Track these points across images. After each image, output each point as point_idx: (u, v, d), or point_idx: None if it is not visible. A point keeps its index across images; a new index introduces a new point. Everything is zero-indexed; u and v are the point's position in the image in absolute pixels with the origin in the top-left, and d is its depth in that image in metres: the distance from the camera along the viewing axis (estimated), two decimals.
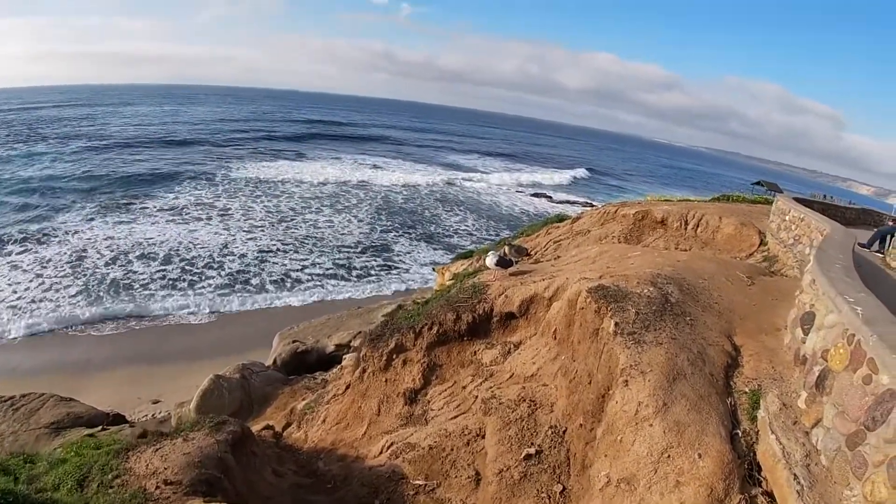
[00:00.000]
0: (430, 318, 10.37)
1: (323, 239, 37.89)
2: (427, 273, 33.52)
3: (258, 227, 38.90)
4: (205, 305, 26.04)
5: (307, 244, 36.32)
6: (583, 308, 8.02)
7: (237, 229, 37.92)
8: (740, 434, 5.69)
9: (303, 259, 33.36)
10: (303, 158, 72.43)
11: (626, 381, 6.31)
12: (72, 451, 7.28)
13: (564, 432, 7.40)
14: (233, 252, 33.00)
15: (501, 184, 71.53)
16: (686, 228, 17.12)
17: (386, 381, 10.37)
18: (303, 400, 13.98)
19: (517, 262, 11.87)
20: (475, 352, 9.98)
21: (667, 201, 26.00)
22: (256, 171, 58.59)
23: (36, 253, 30.51)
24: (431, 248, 39.49)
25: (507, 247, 12.77)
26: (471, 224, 48.74)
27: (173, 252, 32.07)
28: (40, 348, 21.89)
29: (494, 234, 44.61)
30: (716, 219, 16.72)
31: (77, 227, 35.36)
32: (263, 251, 33.86)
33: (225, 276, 29.49)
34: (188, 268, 30.17)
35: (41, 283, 26.64)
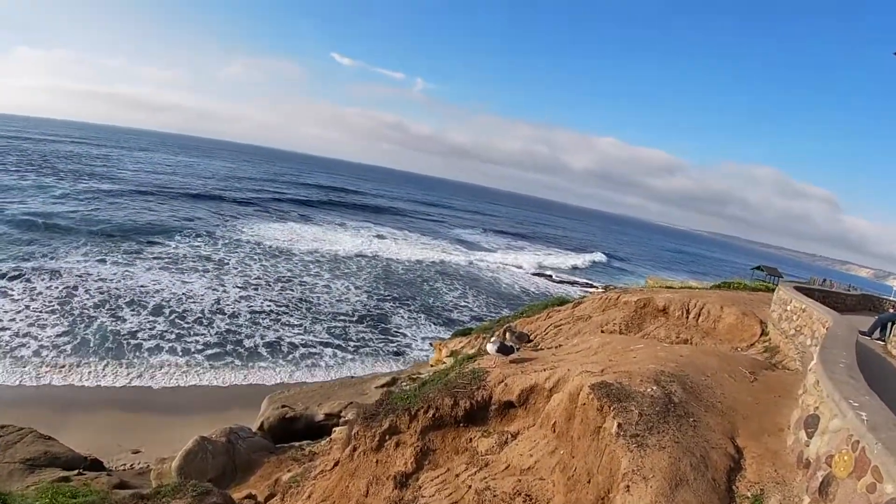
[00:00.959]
0: (427, 402, 10.17)
1: (319, 304, 37.68)
2: (424, 346, 33.09)
3: (253, 286, 38.85)
4: (193, 363, 25.58)
5: (301, 308, 36.09)
6: (584, 404, 7.88)
7: (232, 285, 37.92)
8: None
9: (297, 324, 32.98)
10: (308, 222, 73.72)
11: (628, 487, 6.10)
12: (46, 498, 6.93)
13: None
14: (224, 311, 32.71)
15: (504, 261, 72.12)
16: (688, 317, 17.09)
17: (377, 462, 9.99)
18: (288, 471, 13.60)
19: (518, 349, 11.81)
20: (471, 439, 9.67)
21: (668, 288, 26.11)
22: (260, 231, 59.47)
23: (28, 284, 30.96)
24: (430, 322, 39.15)
25: (508, 333, 12.75)
26: (471, 300, 48.62)
27: (164, 303, 31.97)
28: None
29: (495, 312, 44.41)
30: (717, 308, 16.74)
31: (72, 266, 35.82)
32: (256, 311, 33.59)
33: (215, 335, 29.06)
34: (178, 321, 29.92)
35: (27, 317, 26.93)
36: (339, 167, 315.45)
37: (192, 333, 28.69)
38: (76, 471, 13.83)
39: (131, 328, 27.82)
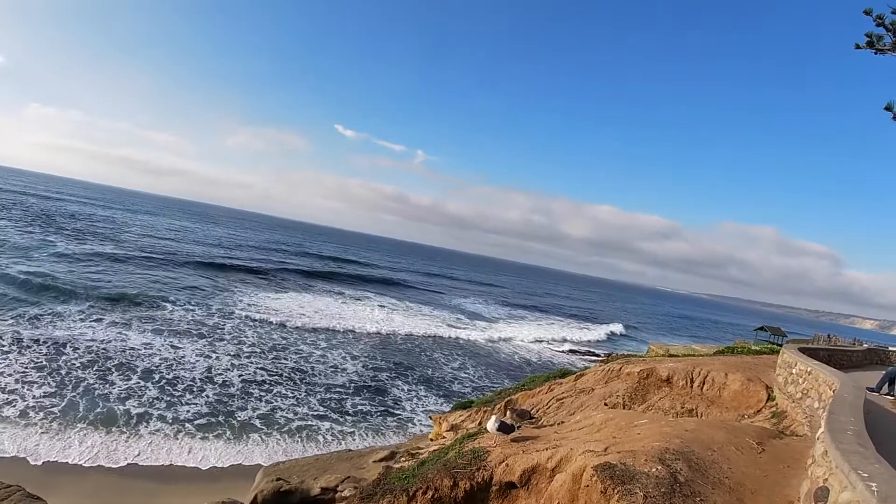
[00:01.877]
0: (426, 483, 9.79)
1: (315, 374, 36.85)
2: (424, 418, 32.07)
3: (246, 355, 38.16)
4: (183, 432, 24.79)
5: (295, 377, 35.29)
6: (588, 486, 7.60)
7: (224, 353, 37.32)
8: None
9: (290, 395, 32.10)
10: (309, 291, 73.65)
11: None
12: None
13: None
14: (214, 380, 31.93)
15: (505, 332, 71.22)
16: (692, 387, 16.72)
17: None
18: None
19: (519, 428, 11.54)
20: None
21: (671, 356, 25.67)
22: (259, 300, 59.21)
23: (16, 336, 31.52)
24: (430, 393, 38.13)
25: (509, 410, 12.51)
26: (471, 371, 47.57)
27: (154, 368, 31.55)
28: None
29: (496, 383, 43.43)
30: (721, 375, 16.43)
31: (66, 324, 36.08)
32: (248, 381, 32.84)
33: (205, 405, 28.22)
34: (167, 388, 29.32)
35: (13, 372, 27.07)
36: (342, 237, 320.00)
37: (184, 402, 27.99)
38: None
39: (119, 393, 27.48)
